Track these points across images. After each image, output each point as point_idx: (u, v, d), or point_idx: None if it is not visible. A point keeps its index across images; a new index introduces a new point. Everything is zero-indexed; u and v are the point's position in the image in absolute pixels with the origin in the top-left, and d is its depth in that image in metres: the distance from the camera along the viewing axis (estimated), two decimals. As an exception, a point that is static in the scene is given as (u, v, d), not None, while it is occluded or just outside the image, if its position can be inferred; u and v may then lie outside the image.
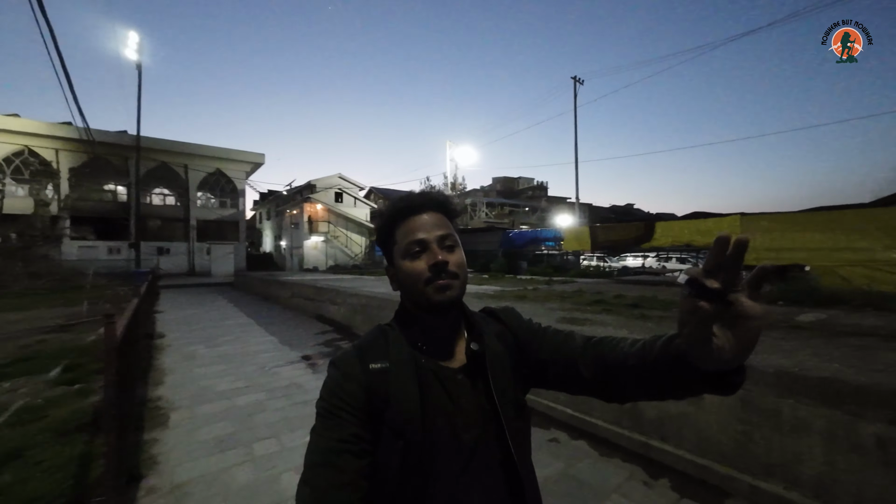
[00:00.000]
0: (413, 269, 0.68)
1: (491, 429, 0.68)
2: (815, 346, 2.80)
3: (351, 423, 0.63)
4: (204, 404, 3.79)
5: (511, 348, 0.76)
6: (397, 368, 0.68)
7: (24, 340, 6.43)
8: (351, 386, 0.66)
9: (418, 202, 0.73)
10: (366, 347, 0.72)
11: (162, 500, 2.32)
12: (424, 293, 0.68)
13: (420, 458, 0.63)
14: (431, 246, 0.68)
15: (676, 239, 11.46)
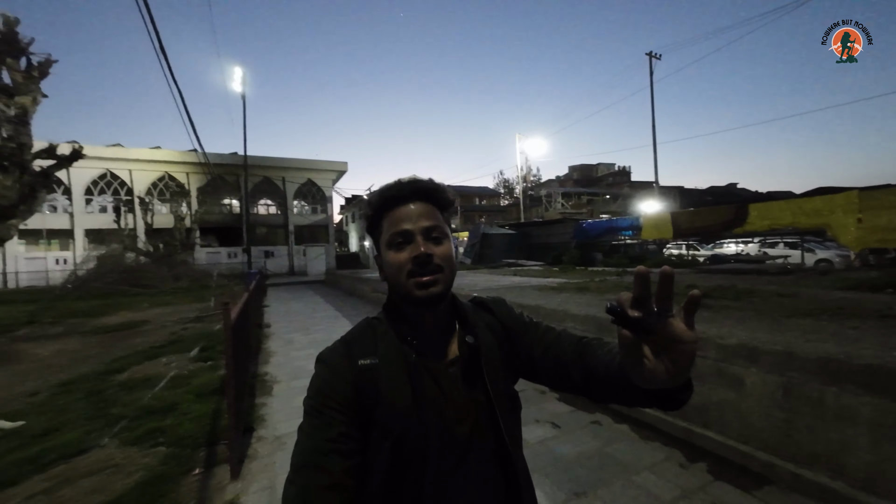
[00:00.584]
0: (396, 260, 0.67)
1: (484, 421, 0.68)
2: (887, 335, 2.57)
3: (339, 421, 0.62)
4: (298, 379, 4.60)
5: (501, 339, 0.76)
6: (387, 364, 0.67)
7: (173, 328, 8.18)
8: (339, 383, 0.65)
9: (405, 191, 0.70)
10: (354, 343, 0.71)
11: (267, 447, 3.02)
12: (406, 287, 0.66)
13: (412, 454, 0.62)
14: (416, 237, 0.67)
15: (775, 222, 10.16)
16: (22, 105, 5.22)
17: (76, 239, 26.15)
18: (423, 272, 0.65)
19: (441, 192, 0.72)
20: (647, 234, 13.74)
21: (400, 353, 0.68)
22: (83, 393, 4.23)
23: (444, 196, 0.73)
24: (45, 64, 5.48)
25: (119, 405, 3.74)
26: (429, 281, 0.65)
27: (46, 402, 4.11)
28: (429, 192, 0.71)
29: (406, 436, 0.62)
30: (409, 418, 0.63)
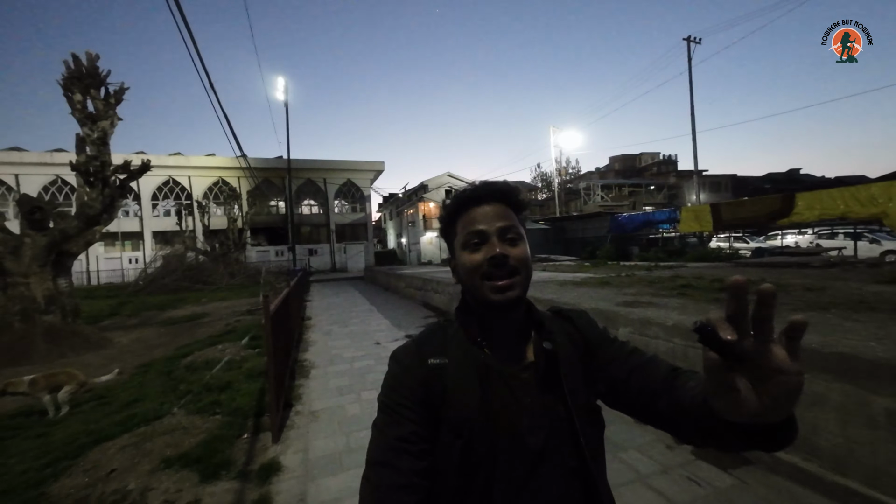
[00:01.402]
0: (471, 261, 0.66)
1: (561, 433, 0.64)
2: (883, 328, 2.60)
3: (410, 419, 0.62)
4: (333, 365, 5.14)
5: (581, 352, 0.72)
6: (456, 364, 0.66)
7: (228, 321, 9.12)
8: (409, 380, 0.65)
9: (480, 192, 0.70)
10: (424, 342, 0.71)
11: (303, 419, 3.53)
12: (481, 290, 0.65)
13: (480, 458, 0.61)
14: (491, 238, 0.66)
15: (826, 211, 9.51)
16: (103, 128, 6.16)
17: (145, 240, 29.02)
18: (499, 274, 0.64)
19: (515, 193, 0.72)
20: (686, 227, 13.22)
21: (470, 353, 0.67)
22: (157, 373, 5.01)
23: (518, 197, 0.72)
24: (119, 91, 6.41)
25: (185, 383, 4.43)
26: (505, 285, 0.64)
27: (129, 379, 4.91)
28: (503, 194, 0.70)
29: (474, 438, 0.61)
30: (476, 421, 0.62)
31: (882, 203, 8.45)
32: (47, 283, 6.80)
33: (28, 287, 6.62)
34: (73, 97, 5.97)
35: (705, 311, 3.64)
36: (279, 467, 2.72)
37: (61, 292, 7.13)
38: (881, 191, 8.54)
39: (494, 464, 0.61)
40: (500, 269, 0.64)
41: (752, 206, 11.34)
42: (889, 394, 1.93)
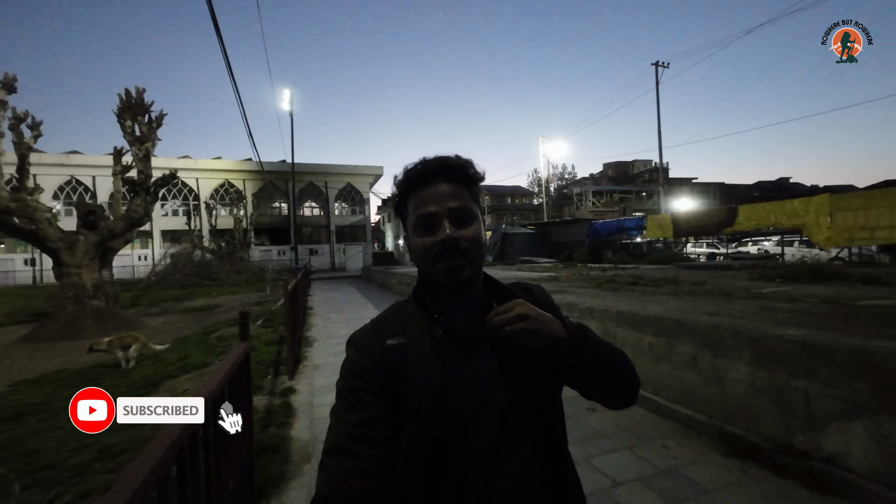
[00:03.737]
0: (422, 244, 0.66)
1: (524, 394, 0.65)
2: (718, 303, 4.01)
3: (370, 403, 0.62)
4: (330, 339, 6.55)
5: None
6: (415, 343, 0.66)
7: (241, 308, 10.53)
8: (368, 363, 0.65)
9: (429, 170, 0.67)
10: (382, 323, 0.71)
11: (309, 368, 4.93)
12: (433, 270, 0.66)
13: (447, 431, 0.61)
14: (442, 220, 0.65)
15: (761, 222, 11.03)
16: (146, 148, 7.58)
17: (154, 238, 30.43)
18: (450, 255, 0.64)
19: (467, 167, 0.69)
20: (651, 233, 14.71)
21: (428, 331, 0.67)
22: (194, 343, 6.42)
23: (471, 172, 0.70)
24: (159, 117, 7.82)
25: (218, 348, 5.83)
26: (456, 266, 0.64)
27: (170, 348, 6.31)
28: (455, 170, 0.68)
29: (436, 411, 0.61)
30: (437, 394, 0.62)
31: (802, 216, 9.93)
32: (95, 274, 8.21)
33: (80, 276, 8.03)
34: (125, 123, 7.41)
35: (596, 296, 5.05)
36: (294, 390, 4.13)
37: (105, 282, 8.55)
38: (802, 205, 10.02)
39: (464, 431, 0.61)
40: (452, 251, 0.63)
41: (702, 217, 12.82)
42: (687, 342, 3.21)
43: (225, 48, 6.89)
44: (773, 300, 4.03)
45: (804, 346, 2.32)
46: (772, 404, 2.46)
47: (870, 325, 2.72)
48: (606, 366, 0.65)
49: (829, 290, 4.53)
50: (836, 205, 9.19)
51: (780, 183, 55.22)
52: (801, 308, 3.49)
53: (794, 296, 4.21)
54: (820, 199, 9.56)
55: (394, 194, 0.73)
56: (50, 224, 7.72)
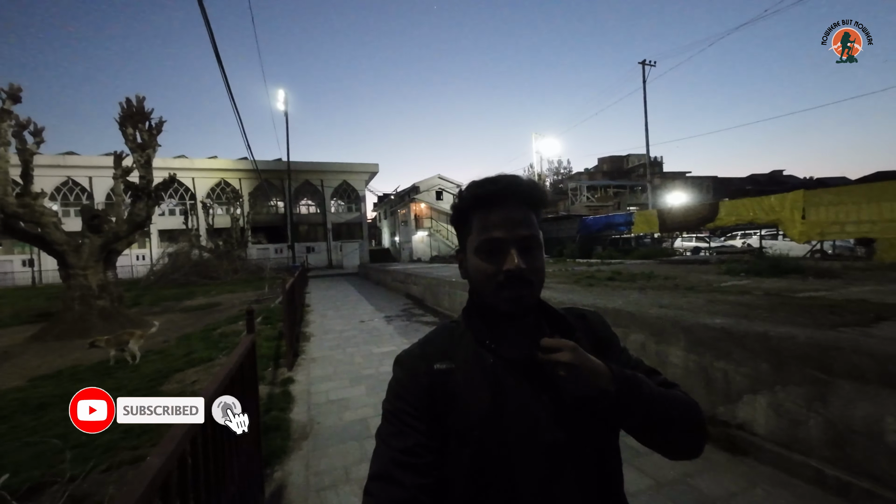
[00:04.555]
0: (485, 269, 0.64)
1: (578, 429, 0.62)
2: (678, 295, 4.44)
3: (415, 429, 0.61)
4: (327, 334, 6.95)
5: (594, 348, 0.69)
6: (463, 368, 0.64)
7: (241, 307, 10.91)
8: (414, 387, 0.64)
9: (502, 192, 0.65)
10: (430, 346, 0.69)
11: (307, 361, 5.33)
12: (494, 297, 0.64)
13: (495, 463, 0.60)
14: (510, 248, 0.62)
15: (741, 217, 11.49)
16: (147, 155, 7.91)
17: (152, 238, 30.67)
18: (515, 287, 0.62)
19: (540, 191, 0.68)
20: (639, 228, 15.17)
21: (478, 356, 0.65)
22: (198, 339, 6.82)
23: (542, 197, 0.68)
24: (159, 124, 8.15)
25: (221, 344, 6.23)
26: (520, 296, 0.63)
27: (177, 344, 6.70)
28: (527, 194, 0.66)
29: (486, 443, 0.59)
30: (487, 424, 0.60)
31: (778, 211, 10.40)
32: (100, 275, 8.57)
33: (86, 277, 8.39)
34: (127, 131, 7.74)
35: (571, 292, 5.47)
36: (293, 381, 4.54)
37: (109, 282, 8.91)
38: (778, 201, 10.48)
39: (511, 466, 0.59)
40: (517, 282, 0.62)
41: (686, 213, 13.27)
42: (637, 331, 3.63)
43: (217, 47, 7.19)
44: (725, 293, 4.46)
45: (724, 332, 2.74)
46: (700, 382, 2.88)
47: (790, 314, 3.15)
48: (660, 421, 0.60)
49: (780, 284, 4.97)
50: (808, 201, 9.64)
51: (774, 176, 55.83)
52: (743, 300, 3.92)
53: (745, 289, 4.64)
54: (794, 195, 10.01)
55: (456, 206, 0.70)
56: (56, 228, 8.06)
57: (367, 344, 6.12)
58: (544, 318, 0.72)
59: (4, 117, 7.07)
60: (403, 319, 8.19)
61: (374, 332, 6.95)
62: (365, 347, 5.92)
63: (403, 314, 8.97)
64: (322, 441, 3.09)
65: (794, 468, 2.29)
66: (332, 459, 2.80)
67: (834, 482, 2.13)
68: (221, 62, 7.12)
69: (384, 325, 7.59)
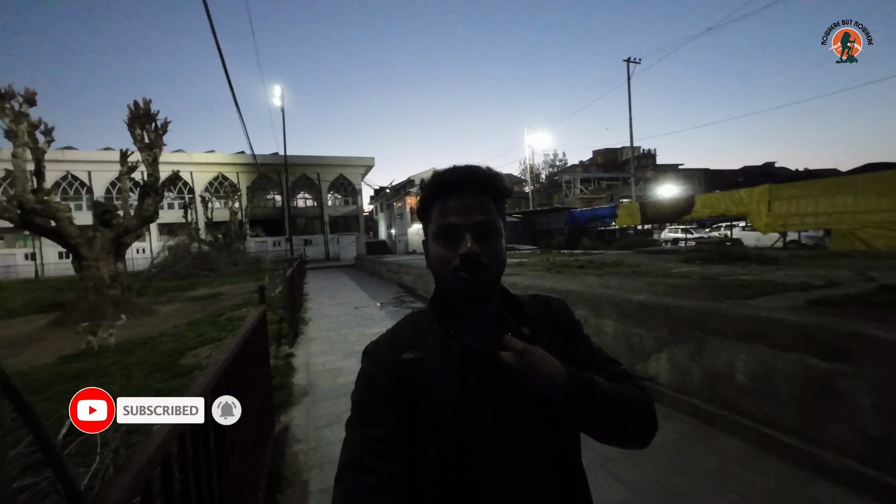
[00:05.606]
0: (442, 254, 0.66)
1: (542, 419, 0.65)
2: (628, 279, 5.12)
3: (385, 418, 0.63)
4: (324, 319, 7.63)
5: (557, 335, 0.74)
6: (431, 358, 0.66)
7: (242, 296, 11.57)
8: (383, 377, 0.66)
9: (458, 180, 0.68)
10: (398, 336, 0.71)
11: (306, 340, 6.00)
12: (451, 282, 0.66)
13: (463, 448, 0.62)
14: (464, 234, 0.65)
15: (714, 210, 12.17)
16: (154, 154, 8.48)
17: (151, 231, 31.14)
18: (469, 270, 0.64)
19: (496, 181, 0.70)
20: (622, 220, 15.84)
21: (445, 345, 0.67)
22: (206, 323, 7.47)
23: (500, 185, 0.70)
24: (164, 124, 8.70)
25: (228, 326, 6.89)
26: (473, 279, 0.64)
27: (187, 328, 7.36)
28: (483, 182, 0.68)
29: (453, 429, 0.62)
30: (454, 411, 0.62)
31: (747, 204, 11.08)
32: (111, 266, 9.19)
33: (98, 269, 9.01)
34: (135, 132, 8.30)
35: (541, 277, 6.14)
36: (294, 355, 5.21)
37: (120, 273, 9.53)
38: (746, 195, 11.16)
39: (478, 452, 0.62)
40: (471, 266, 0.63)
41: (665, 206, 13.94)
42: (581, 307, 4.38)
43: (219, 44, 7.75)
44: (669, 277, 5.14)
45: (640, 305, 3.42)
46: (625, 346, 3.57)
47: (705, 291, 3.83)
48: (613, 423, 0.62)
49: (721, 269, 5.65)
50: (774, 194, 10.32)
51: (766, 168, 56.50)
52: (678, 283, 4.60)
53: (687, 274, 5.32)
54: (761, 188, 10.68)
55: (419, 197, 0.73)
56: (70, 223, 8.65)
57: (360, 326, 6.81)
58: (507, 307, 0.74)
59: (22, 119, 7.61)
60: (395, 305, 8.87)
61: (367, 317, 7.63)
62: (358, 329, 6.60)
63: (395, 301, 9.65)
64: (319, 397, 3.78)
65: (681, 406, 2.99)
66: (327, 409, 3.49)
67: (705, 414, 2.82)
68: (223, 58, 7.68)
69: (377, 311, 8.27)
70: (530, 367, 0.59)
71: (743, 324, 2.63)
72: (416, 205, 0.74)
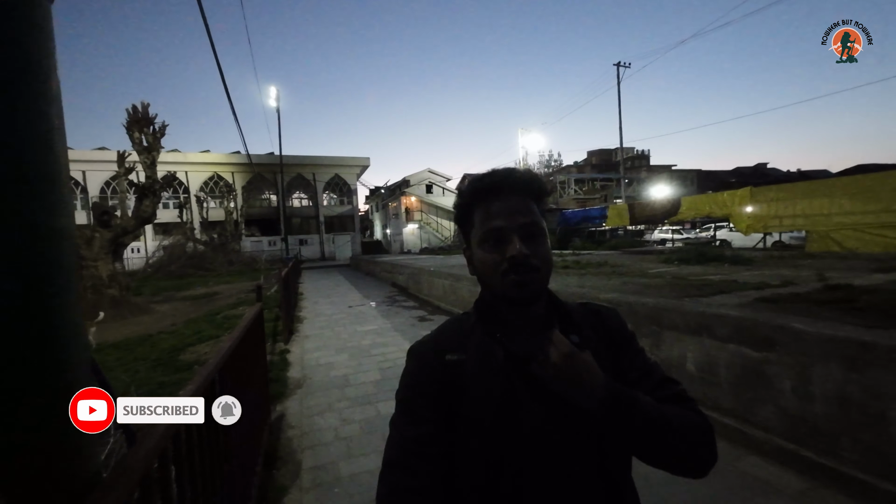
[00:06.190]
0: (489, 259, 0.65)
1: (585, 427, 0.62)
2: (604, 279, 5.42)
3: (426, 418, 0.63)
4: (318, 317, 7.88)
5: (607, 346, 0.70)
6: (474, 360, 0.66)
7: (238, 296, 11.79)
8: (426, 378, 0.66)
9: (501, 183, 0.67)
10: (442, 337, 0.71)
11: (300, 338, 6.26)
12: (501, 286, 0.64)
13: (504, 455, 0.61)
14: (511, 236, 0.63)
15: (698, 212, 12.54)
16: (153, 156, 8.69)
17: (146, 231, 31.16)
18: (518, 273, 0.62)
19: (537, 181, 0.69)
20: (612, 221, 16.20)
21: (488, 348, 0.66)
22: (203, 322, 7.71)
23: (541, 185, 0.70)
24: (162, 127, 8.91)
25: (226, 325, 7.13)
26: (524, 281, 0.63)
27: (185, 326, 7.59)
28: (526, 183, 0.68)
29: (494, 434, 0.61)
30: (496, 416, 0.62)
31: (729, 206, 11.45)
32: (109, 266, 9.39)
33: (97, 268, 9.20)
34: (134, 135, 8.51)
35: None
36: (289, 351, 5.48)
37: (118, 273, 9.73)
38: (729, 197, 11.52)
39: (517, 460, 0.61)
40: (522, 268, 0.62)
41: (653, 207, 14.30)
42: None
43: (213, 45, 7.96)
44: (644, 277, 5.46)
45: (610, 302, 3.72)
46: (595, 341, 3.87)
47: (671, 290, 4.14)
48: (655, 446, 0.59)
49: (694, 270, 5.97)
50: (754, 197, 10.69)
51: (758, 168, 57.25)
52: (651, 282, 4.91)
53: (661, 274, 5.64)
54: (743, 191, 11.05)
55: (457, 204, 0.72)
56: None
57: (352, 324, 7.08)
58: (554, 311, 0.72)
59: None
60: (387, 304, 9.14)
61: (360, 315, 7.90)
62: (350, 327, 6.87)
63: (388, 300, 9.92)
64: (312, 389, 4.05)
65: (641, 394, 3.29)
66: (320, 399, 3.76)
67: (661, 400, 3.12)
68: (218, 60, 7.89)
69: (369, 310, 8.54)
70: (571, 373, 0.58)
71: (692, 319, 2.93)
72: (456, 210, 0.73)
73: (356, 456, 2.73)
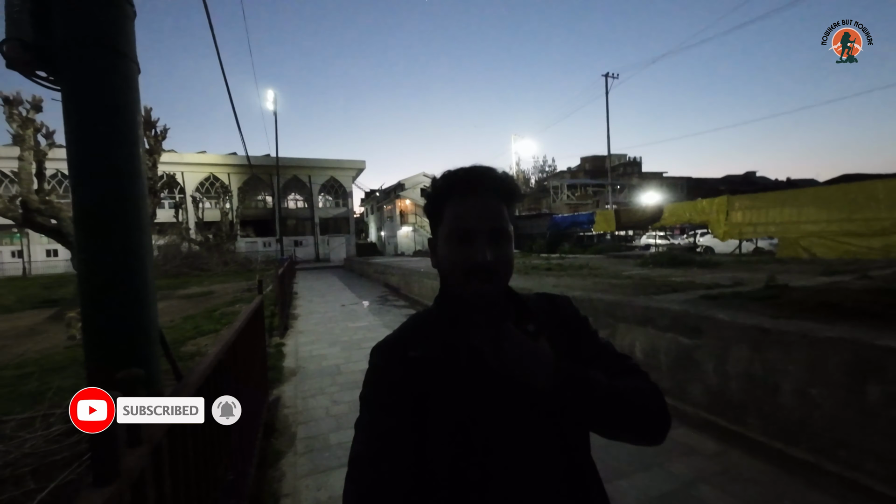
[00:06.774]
0: (454, 259, 0.66)
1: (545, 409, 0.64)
2: (580, 280, 5.84)
3: (393, 415, 0.64)
4: (312, 315, 8.24)
5: (562, 333, 0.73)
6: (437, 355, 0.67)
7: (234, 294, 12.09)
8: (390, 375, 0.67)
9: (475, 182, 0.67)
10: (404, 334, 0.72)
11: (295, 333, 6.62)
12: (460, 285, 0.66)
13: (472, 447, 0.62)
14: (478, 239, 0.64)
15: (679, 218, 13.04)
16: (154, 159, 9.03)
17: (141, 231, 31.26)
18: (481, 278, 0.64)
19: (512, 185, 0.69)
20: (599, 227, 16.69)
21: (451, 343, 0.67)
22: (201, 318, 8.03)
23: (514, 189, 0.69)
24: (164, 131, 9.26)
25: (223, 321, 7.47)
26: (484, 290, 0.64)
27: (182, 322, 7.91)
28: (499, 185, 0.67)
29: (459, 426, 0.63)
30: (460, 409, 0.63)
31: (708, 213, 11.95)
32: (109, 264, 9.69)
33: (97, 266, 9.49)
34: (136, 138, 8.82)
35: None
36: (284, 344, 5.84)
37: (118, 270, 10.03)
38: (708, 205, 12.02)
39: (487, 449, 0.62)
40: (483, 273, 0.63)
41: (638, 214, 14.82)
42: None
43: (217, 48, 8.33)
44: (616, 278, 5.90)
45: (575, 299, 4.14)
46: (563, 334, 4.29)
47: (634, 289, 4.57)
48: (610, 414, 0.61)
49: (663, 272, 6.43)
50: (731, 205, 11.20)
51: (748, 177, 58.34)
52: (619, 283, 5.35)
53: (632, 275, 6.09)
54: (720, 199, 11.56)
55: (429, 194, 0.72)
56: (71, 221, 9.14)
57: (345, 321, 7.45)
58: (512, 304, 0.73)
59: (29, 125, 8.10)
60: (379, 304, 9.52)
61: (352, 313, 8.27)
62: (343, 323, 7.24)
63: (380, 300, 10.30)
64: (306, 376, 4.43)
65: (599, 380, 3.71)
66: (313, 385, 4.14)
67: (615, 384, 3.54)
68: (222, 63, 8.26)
69: (361, 308, 8.92)
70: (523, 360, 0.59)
71: (640, 312, 3.36)
72: (427, 201, 0.73)
73: (345, 428, 3.11)
